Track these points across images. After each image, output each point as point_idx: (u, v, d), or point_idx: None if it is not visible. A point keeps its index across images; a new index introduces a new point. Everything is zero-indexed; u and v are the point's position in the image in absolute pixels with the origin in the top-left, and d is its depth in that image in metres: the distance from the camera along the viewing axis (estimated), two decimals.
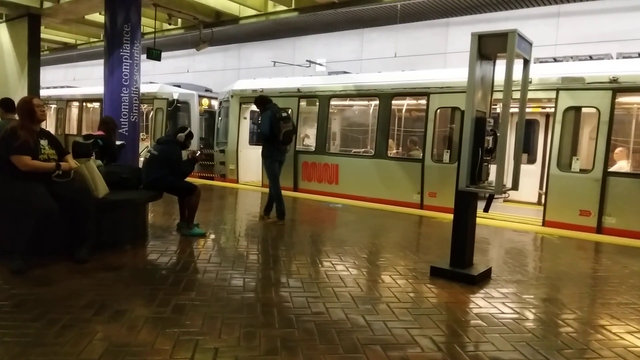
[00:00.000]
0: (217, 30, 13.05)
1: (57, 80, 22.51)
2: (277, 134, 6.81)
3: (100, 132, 6.15)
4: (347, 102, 11.61)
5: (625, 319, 3.70)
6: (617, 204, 7.11)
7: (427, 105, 8.88)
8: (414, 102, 10.39)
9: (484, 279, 4.54)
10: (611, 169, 7.59)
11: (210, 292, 3.85)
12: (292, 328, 3.19)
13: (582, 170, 7.45)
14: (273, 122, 6.77)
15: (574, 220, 7.37)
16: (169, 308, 3.43)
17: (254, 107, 11.69)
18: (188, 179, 6.22)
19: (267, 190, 7.29)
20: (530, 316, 3.71)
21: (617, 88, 7.12)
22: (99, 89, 11.62)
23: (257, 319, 3.32)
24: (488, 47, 4.38)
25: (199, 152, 6.60)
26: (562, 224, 7.41)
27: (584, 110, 7.68)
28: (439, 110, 8.82)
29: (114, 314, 3.28)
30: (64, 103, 16.85)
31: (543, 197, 8.19)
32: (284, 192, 7.09)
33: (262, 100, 7.14)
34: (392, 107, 9.72)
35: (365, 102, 11.05)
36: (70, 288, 3.77)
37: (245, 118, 11.90)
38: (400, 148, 10.66)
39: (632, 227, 6.97)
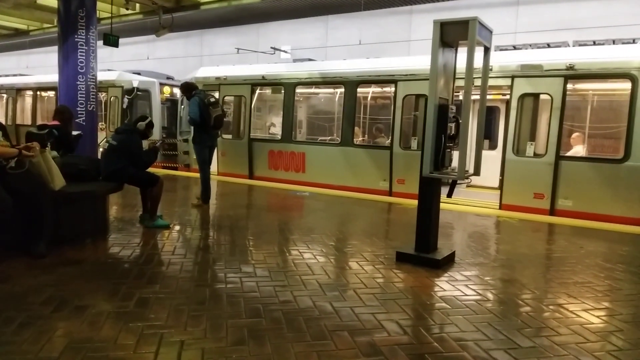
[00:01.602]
0: (177, 16, 12.69)
1: (9, 68, 21.46)
2: (208, 119, 6.96)
3: (56, 122, 5.91)
4: (313, 90, 11.56)
5: (581, 297, 3.86)
6: (569, 187, 7.41)
7: (395, 92, 8.93)
8: (379, 89, 10.44)
9: (448, 262, 4.64)
10: (568, 154, 7.89)
11: (175, 284, 3.78)
12: (260, 318, 3.18)
13: (536, 155, 7.72)
14: (202, 107, 6.88)
15: (528, 203, 7.67)
16: (132, 302, 3.35)
17: (217, 94, 11.55)
18: (150, 169, 6.07)
19: (235, 180, 7.28)
20: (492, 297, 3.83)
21: (568, 75, 7.39)
22: (53, 76, 11.13)
23: (223, 309, 3.29)
24: (450, 35, 4.43)
25: (160, 142, 6.45)
26: (517, 207, 7.70)
27: (537, 96, 7.94)
28: (406, 98, 8.88)
29: (74, 309, 3.18)
30: (14, 92, 16.09)
31: None
32: (241, 181, 7.12)
33: (189, 86, 7.34)
34: (358, 94, 9.73)
35: (332, 90, 11.02)
36: (28, 284, 3.63)
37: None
38: (366, 135, 10.72)
39: (583, 208, 7.29)
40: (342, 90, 9.85)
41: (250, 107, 10.69)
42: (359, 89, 9.64)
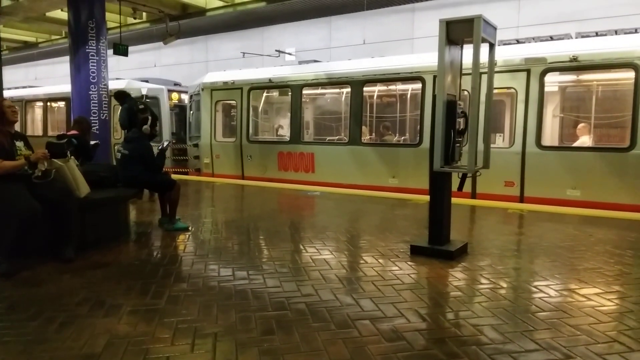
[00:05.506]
0: (183, 23, 12.91)
1: (18, 81, 21.78)
2: (136, 124, 7.44)
3: (74, 132, 6.12)
4: (319, 91, 11.71)
5: (592, 282, 3.99)
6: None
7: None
8: (384, 87, 10.57)
9: (462, 254, 4.78)
10: (574, 144, 8.03)
11: (201, 282, 3.95)
12: (285, 310, 3.34)
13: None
14: (131, 113, 7.37)
15: (500, 191, 8.06)
16: (163, 299, 3.53)
17: (225, 100, 11.74)
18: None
19: (246, 182, 7.46)
20: (505, 285, 3.96)
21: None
22: (62, 87, 11.36)
23: (250, 304, 3.46)
24: (455, 33, 4.57)
25: (166, 142, 6.61)
26: (490, 195, 8.05)
27: (504, 90, 8.26)
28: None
29: (109, 308, 3.35)
30: (22, 104, 16.37)
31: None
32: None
33: (122, 94, 8.09)
34: (364, 94, 9.85)
35: (337, 90, 11.16)
36: (62, 287, 3.82)
37: (217, 111, 11.87)
38: (374, 134, 10.86)
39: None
40: (348, 90, 9.95)
41: (258, 110, 10.90)
42: (401, 86, 9.94)
